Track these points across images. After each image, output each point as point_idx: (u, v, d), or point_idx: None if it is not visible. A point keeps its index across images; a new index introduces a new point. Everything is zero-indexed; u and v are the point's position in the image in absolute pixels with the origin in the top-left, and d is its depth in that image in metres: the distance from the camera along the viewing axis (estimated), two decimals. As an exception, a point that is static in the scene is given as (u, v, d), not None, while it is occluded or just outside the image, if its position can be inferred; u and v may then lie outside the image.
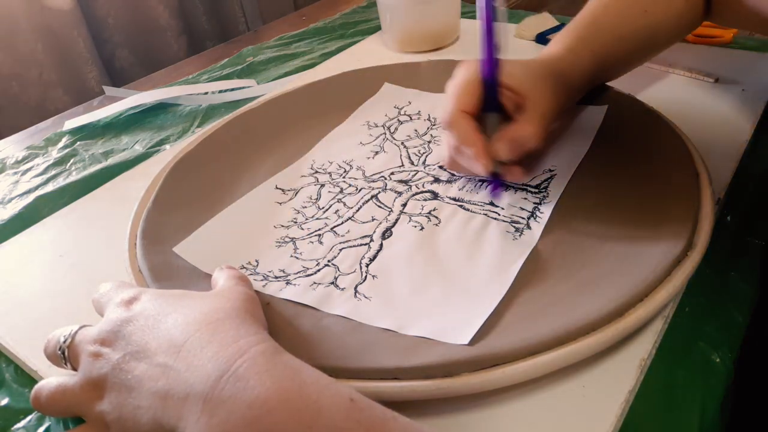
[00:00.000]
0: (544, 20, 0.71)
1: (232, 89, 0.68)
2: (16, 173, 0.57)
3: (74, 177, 0.55)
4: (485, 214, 0.41)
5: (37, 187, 0.54)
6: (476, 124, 0.40)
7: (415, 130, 0.52)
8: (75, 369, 0.29)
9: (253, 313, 0.30)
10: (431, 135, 0.51)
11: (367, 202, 0.44)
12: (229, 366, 0.25)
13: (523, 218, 0.40)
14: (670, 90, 0.56)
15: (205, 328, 0.27)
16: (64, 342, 0.30)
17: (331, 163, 0.49)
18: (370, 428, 0.23)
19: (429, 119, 0.54)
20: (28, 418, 0.34)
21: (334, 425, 0.23)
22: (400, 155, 0.49)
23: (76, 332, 0.30)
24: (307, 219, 0.43)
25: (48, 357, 0.31)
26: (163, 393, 0.25)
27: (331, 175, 0.48)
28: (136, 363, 0.27)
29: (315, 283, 0.37)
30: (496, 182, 0.42)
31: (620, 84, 0.52)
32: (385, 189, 0.45)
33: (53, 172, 0.56)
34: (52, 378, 0.30)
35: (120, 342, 0.28)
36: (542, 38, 0.68)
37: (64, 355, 0.30)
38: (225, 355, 0.25)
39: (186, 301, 0.30)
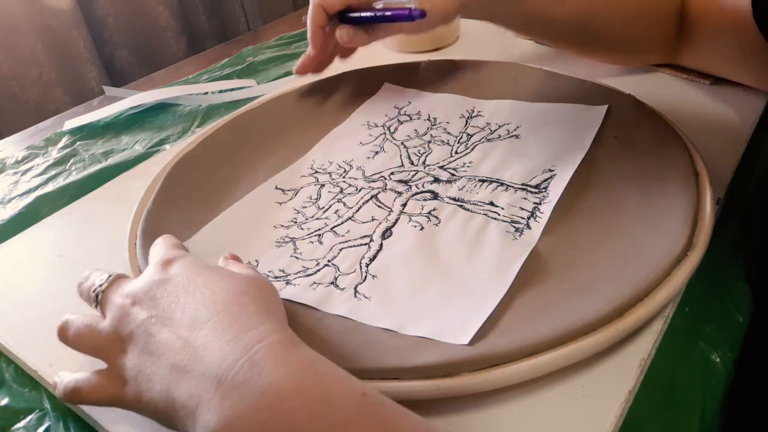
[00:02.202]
0: (544, 20, 0.71)
1: (232, 89, 0.68)
2: (16, 173, 0.57)
3: (74, 177, 0.55)
4: (485, 214, 0.41)
5: (37, 187, 0.54)
6: None
7: (415, 130, 0.52)
8: (103, 314, 0.30)
9: (276, 302, 0.31)
10: (431, 135, 0.51)
11: (367, 202, 0.44)
12: (247, 351, 0.25)
13: (523, 218, 0.40)
14: (670, 90, 0.56)
15: (231, 308, 0.27)
16: (100, 287, 0.31)
17: (331, 163, 0.49)
18: (381, 422, 0.23)
19: (429, 119, 0.54)
20: (28, 418, 0.34)
21: (346, 417, 0.23)
22: (400, 155, 0.49)
23: (113, 281, 0.31)
24: (307, 219, 0.43)
25: (80, 294, 0.32)
26: (181, 367, 0.26)
27: (331, 175, 0.48)
28: (160, 327, 0.27)
29: (315, 283, 0.37)
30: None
31: (620, 84, 0.52)
32: (385, 189, 0.45)
33: (53, 172, 0.57)
34: (80, 316, 0.30)
35: (149, 303, 0.28)
36: (542, 38, 0.67)
37: (97, 298, 0.31)
38: (244, 340, 0.25)
39: (217, 278, 0.30)
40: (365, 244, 0.40)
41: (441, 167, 0.47)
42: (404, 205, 0.43)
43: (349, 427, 0.23)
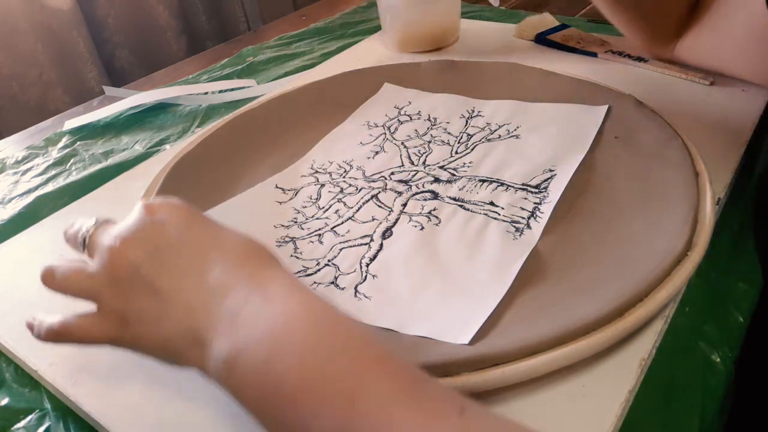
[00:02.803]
0: (544, 20, 0.71)
1: (232, 89, 0.68)
2: (16, 173, 0.57)
3: (74, 177, 0.55)
4: (485, 214, 0.41)
5: (37, 187, 0.54)
6: None
7: (415, 130, 0.52)
8: (92, 257, 0.30)
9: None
10: (431, 135, 0.51)
11: (367, 202, 0.44)
12: (260, 285, 0.26)
13: (523, 218, 0.40)
14: (670, 90, 0.56)
15: (241, 251, 0.28)
16: (87, 231, 0.30)
17: (332, 163, 0.49)
18: (380, 352, 0.24)
19: (429, 119, 0.54)
20: (28, 418, 0.34)
21: (351, 334, 0.24)
22: (400, 155, 0.49)
23: (100, 224, 0.30)
24: (307, 219, 0.43)
25: (67, 240, 0.32)
26: (196, 307, 0.26)
27: (331, 175, 0.48)
28: (163, 268, 0.27)
29: (315, 282, 0.37)
30: None
31: (620, 84, 0.52)
32: (385, 189, 0.45)
33: (53, 172, 0.56)
34: (65, 261, 0.30)
35: (144, 244, 0.28)
36: (542, 38, 0.67)
37: (85, 242, 0.30)
38: (258, 277, 0.26)
39: (217, 225, 0.29)
40: (365, 244, 0.40)
41: (441, 167, 0.47)
42: (404, 204, 0.43)
43: (354, 350, 0.24)
